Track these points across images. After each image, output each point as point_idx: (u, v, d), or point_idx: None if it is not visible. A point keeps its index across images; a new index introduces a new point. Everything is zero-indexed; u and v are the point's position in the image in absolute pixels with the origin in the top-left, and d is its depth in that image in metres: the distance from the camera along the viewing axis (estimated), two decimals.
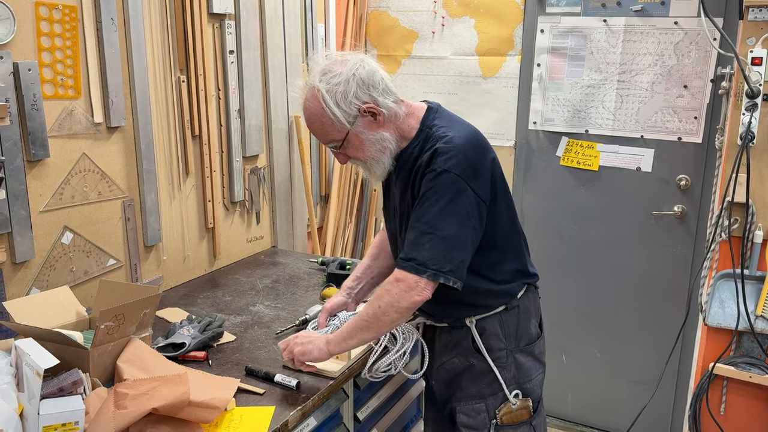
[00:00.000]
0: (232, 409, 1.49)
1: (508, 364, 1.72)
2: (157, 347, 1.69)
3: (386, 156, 1.63)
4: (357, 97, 1.55)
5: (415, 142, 1.63)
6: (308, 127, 1.64)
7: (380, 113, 1.58)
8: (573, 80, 2.85)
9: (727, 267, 2.39)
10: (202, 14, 2.24)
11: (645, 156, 2.79)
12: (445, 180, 1.52)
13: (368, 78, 1.56)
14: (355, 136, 1.59)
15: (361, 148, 1.61)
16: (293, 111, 2.79)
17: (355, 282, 1.89)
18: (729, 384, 2.45)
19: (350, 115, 1.56)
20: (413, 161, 1.62)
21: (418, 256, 1.52)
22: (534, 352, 1.76)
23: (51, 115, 1.80)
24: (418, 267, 1.51)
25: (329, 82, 1.55)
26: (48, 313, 1.62)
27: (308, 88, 1.59)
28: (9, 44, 1.67)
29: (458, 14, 3.04)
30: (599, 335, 3.02)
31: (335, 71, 1.56)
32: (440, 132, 1.60)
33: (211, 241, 2.46)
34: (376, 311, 1.56)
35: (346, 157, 1.66)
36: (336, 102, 1.54)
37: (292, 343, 1.66)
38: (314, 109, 1.58)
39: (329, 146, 1.65)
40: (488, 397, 1.72)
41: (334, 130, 1.58)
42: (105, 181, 2.00)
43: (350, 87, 1.54)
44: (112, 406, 1.33)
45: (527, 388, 1.74)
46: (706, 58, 2.60)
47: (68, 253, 1.91)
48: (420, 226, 1.54)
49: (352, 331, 1.61)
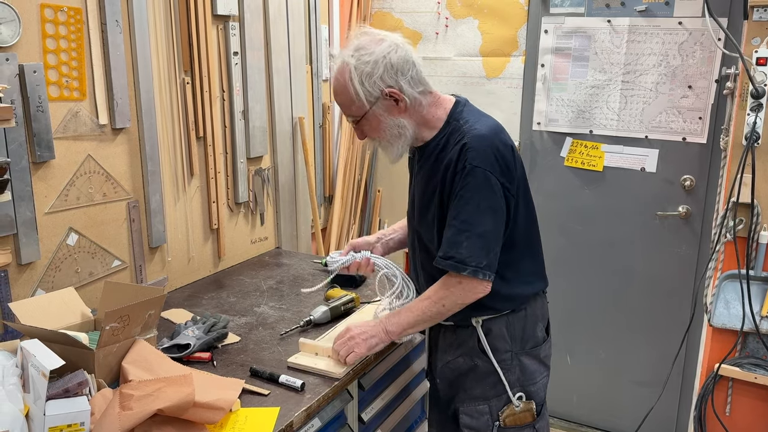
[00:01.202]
0: (237, 410, 1.49)
1: (512, 367, 1.71)
2: (162, 348, 1.70)
3: (401, 142, 1.65)
4: (382, 80, 1.57)
5: (442, 134, 1.65)
6: (334, 97, 1.67)
7: (402, 100, 1.60)
8: (577, 81, 2.85)
9: (732, 267, 2.38)
10: (206, 16, 2.25)
11: (649, 156, 2.78)
12: (478, 176, 1.55)
13: (398, 63, 1.58)
14: (373, 116, 1.62)
15: (378, 129, 1.64)
16: (297, 112, 2.79)
17: (391, 232, 1.96)
18: (734, 385, 2.45)
19: (372, 95, 1.59)
20: (438, 152, 1.64)
21: (456, 254, 1.57)
22: (539, 355, 1.76)
23: (56, 116, 1.81)
24: (458, 265, 1.56)
25: (359, 59, 1.57)
26: (53, 315, 1.62)
27: (340, 60, 1.61)
28: (14, 46, 1.68)
29: (462, 15, 3.04)
30: (604, 336, 3.01)
31: (368, 50, 1.58)
32: (468, 126, 1.62)
33: (215, 242, 2.47)
34: (441, 310, 1.62)
35: (362, 133, 1.68)
36: (360, 80, 1.57)
37: (346, 336, 1.67)
38: (340, 81, 1.61)
39: (349, 120, 1.68)
40: (492, 398, 1.72)
41: (354, 106, 1.62)
42: (110, 183, 2.00)
43: (377, 68, 1.56)
44: (118, 407, 1.33)
45: (531, 391, 1.74)
46: (710, 59, 2.59)
47: (73, 254, 1.92)
48: (457, 224, 1.58)
49: (412, 323, 1.65)
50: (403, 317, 1.67)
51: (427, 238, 1.73)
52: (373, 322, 1.71)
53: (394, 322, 1.67)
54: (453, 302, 1.61)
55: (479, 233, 1.56)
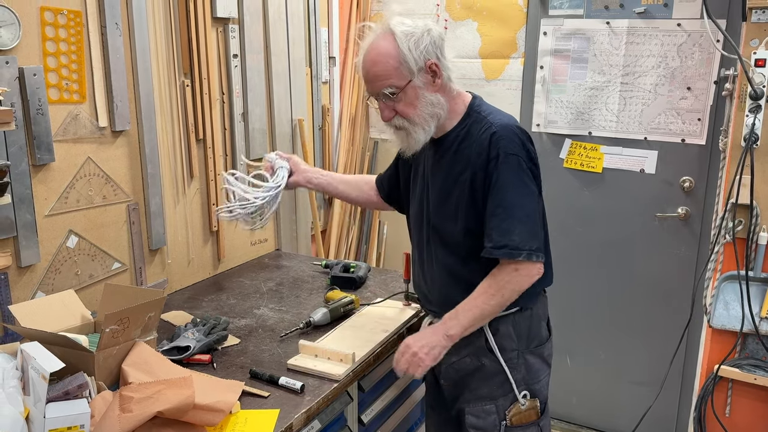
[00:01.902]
0: (237, 412, 1.49)
1: (518, 365, 1.71)
2: (161, 350, 1.70)
3: (432, 124, 1.62)
4: (427, 51, 1.56)
5: (462, 124, 1.65)
6: (369, 68, 1.59)
7: (441, 76, 1.59)
8: (576, 82, 2.85)
9: (732, 269, 2.38)
10: (206, 18, 2.25)
11: (649, 158, 2.79)
12: (513, 163, 1.57)
13: (438, 41, 1.59)
14: (413, 88, 1.58)
15: (414, 105, 1.59)
16: (297, 114, 2.80)
17: (324, 177, 1.99)
18: (734, 386, 2.45)
19: (417, 64, 1.56)
20: (459, 143, 1.64)
21: (510, 241, 1.56)
22: (543, 353, 1.76)
23: (56, 119, 1.81)
24: (513, 252, 1.55)
25: (406, 27, 1.56)
26: (53, 317, 1.62)
27: (380, 30, 1.59)
28: (14, 49, 1.68)
29: (461, 17, 3.04)
30: (603, 337, 3.01)
31: (410, 23, 1.58)
32: (492, 117, 1.63)
33: (215, 245, 2.47)
34: (501, 301, 1.60)
35: (393, 111, 1.62)
36: (409, 47, 1.54)
37: (409, 353, 1.63)
38: (384, 48, 1.56)
39: (384, 91, 1.59)
40: (499, 398, 1.72)
41: (396, 74, 1.56)
42: (110, 185, 2.01)
43: (424, 38, 1.56)
44: (118, 410, 1.33)
45: (535, 389, 1.74)
46: (709, 60, 2.60)
47: (73, 256, 1.92)
48: (501, 212, 1.57)
49: (474, 321, 1.62)
50: (462, 318, 1.62)
51: (447, 231, 1.69)
52: (430, 331, 1.66)
53: (453, 324, 1.62)
54: (512, 290, 1.59)
55: (524, 217, 1.56)
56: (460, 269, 1.69)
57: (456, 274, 1.70)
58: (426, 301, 1.85)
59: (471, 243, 1.65)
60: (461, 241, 1.67)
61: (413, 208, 1.83)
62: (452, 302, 1.66)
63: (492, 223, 1.59)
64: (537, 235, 1.59)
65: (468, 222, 1.64)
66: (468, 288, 1.64)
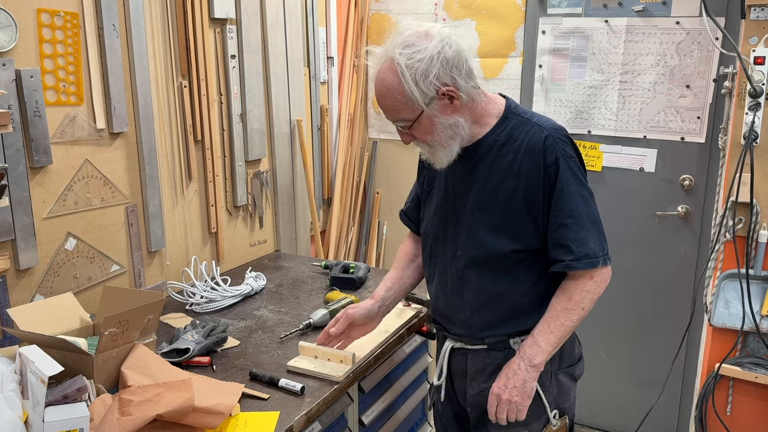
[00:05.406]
0: (237, 414, 1.48)
1: (551, 386, 1.62)
2: (161, 353, 1.69)
3: (456, 143, 1.52)
4: (438, 78, 1.43)
5: (500, 128, 1.55)
6: (378, 101, 1.51)
7: (459, 97, 1.47)
8: (575, 81, 2.85)
9: (732, 267, 2.38)
10: (203, 19, 2.25)
11: (648, 156, 2.78)
12: (572, 166, 1.52)
13: (453, 59, 1.44)
14: (427, 118, 1.48)
15: (431, 132, 1.50)
16: (295, 115, 2.79)
17: (388, 292, 1.77)
18: (735, 384, 2.45)
19: (427, 96, 1.44)
20: (500, 148, 1.54)
21: (588, 250, 1.49)
22: (574, 373, 1.68)
23: (53, 121, 1.81)
24: (592, 261, 1.50)
25: (411, 57, 1.42)
26: (52, 320, 1.62)
27: (386, 58, 1.46)
28: (11, 51, 1.68)
29: (459, 16, 3.03)
30: (604, 336, 3.01)
31: (419, 46, 1.43)
32: (537, 119, 1.56)
33: (214, 246, 2.46)
34: (581, 314, 1.53)
35: (411, 137, 1.54)
36: (415, 80, 1.42)
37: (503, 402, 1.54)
38: (389, 82, 1.45)
39: (397, 124, 1.53)
40: (532, 423, 1.60)
41: (406, 109, 1.47)
42: (108, 187, 2.00)
43: (433, 66, 1.42)
44: (117, 413, 1.32)
45: (565, 407, 1.66)
46: (708, 58, 2.59)
47: (72, 259, 1.91)
48: (573, 222, 1.50)
49: (558, 343, 1.53)
50: (544, 343, 1.52)
51: (487, 248, 1.55)
52: (510, 371, 1.54)
53: (535, 352, 1.52)
54: (591, 300, 1.52)
55: (593, 223, 1.52)
56: (503, 289, 1.57)
57: (498, 295, 1.57)
58: (448, 323, 1.68)
59: (517, 259, 1.55)
60: (506, 258, 1.55)
61: (430, 226, 1.69)
62: (493, 325, 1.58)
63: (565, 234, 1.49)
64: (604, 238, 1.54)
65: (518, 236, 1.53)
66: (515, 308, 1.56)
